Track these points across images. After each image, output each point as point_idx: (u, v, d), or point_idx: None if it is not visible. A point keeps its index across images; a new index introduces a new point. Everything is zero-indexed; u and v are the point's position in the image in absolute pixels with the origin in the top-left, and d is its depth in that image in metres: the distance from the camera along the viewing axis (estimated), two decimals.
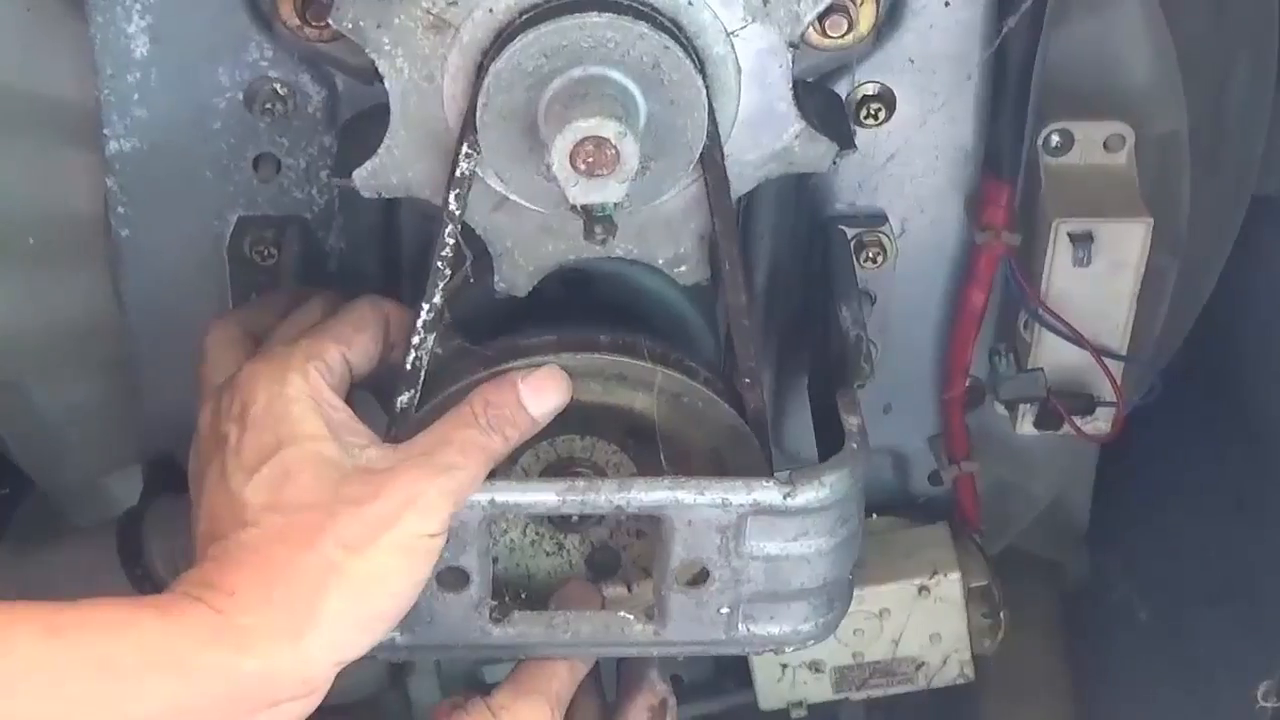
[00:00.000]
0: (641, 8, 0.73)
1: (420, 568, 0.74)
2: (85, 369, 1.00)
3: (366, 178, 0.79)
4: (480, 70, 0.75)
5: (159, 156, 0.89)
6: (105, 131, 0.88)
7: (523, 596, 0.86)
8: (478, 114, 0.74)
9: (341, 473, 0.74)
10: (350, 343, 0.79)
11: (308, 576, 0.71)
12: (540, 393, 0.78)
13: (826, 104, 0.85)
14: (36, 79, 0.91)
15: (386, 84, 0.77)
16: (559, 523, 0.87)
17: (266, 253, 0.91)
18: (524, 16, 0.73)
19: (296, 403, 0.75)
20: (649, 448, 0.82)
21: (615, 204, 0.73)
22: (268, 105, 0.88)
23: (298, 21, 0.83)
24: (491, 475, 0.78)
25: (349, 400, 0.78)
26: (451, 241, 0.77)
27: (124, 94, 0.87)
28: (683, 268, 0.82)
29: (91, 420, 1.02)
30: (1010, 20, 0.86)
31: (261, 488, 0.73)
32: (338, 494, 0.73)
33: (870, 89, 0.90)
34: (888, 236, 0.93)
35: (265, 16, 0.85)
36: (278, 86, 0.88)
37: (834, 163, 0.81)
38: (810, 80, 0.85)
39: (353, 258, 0.94)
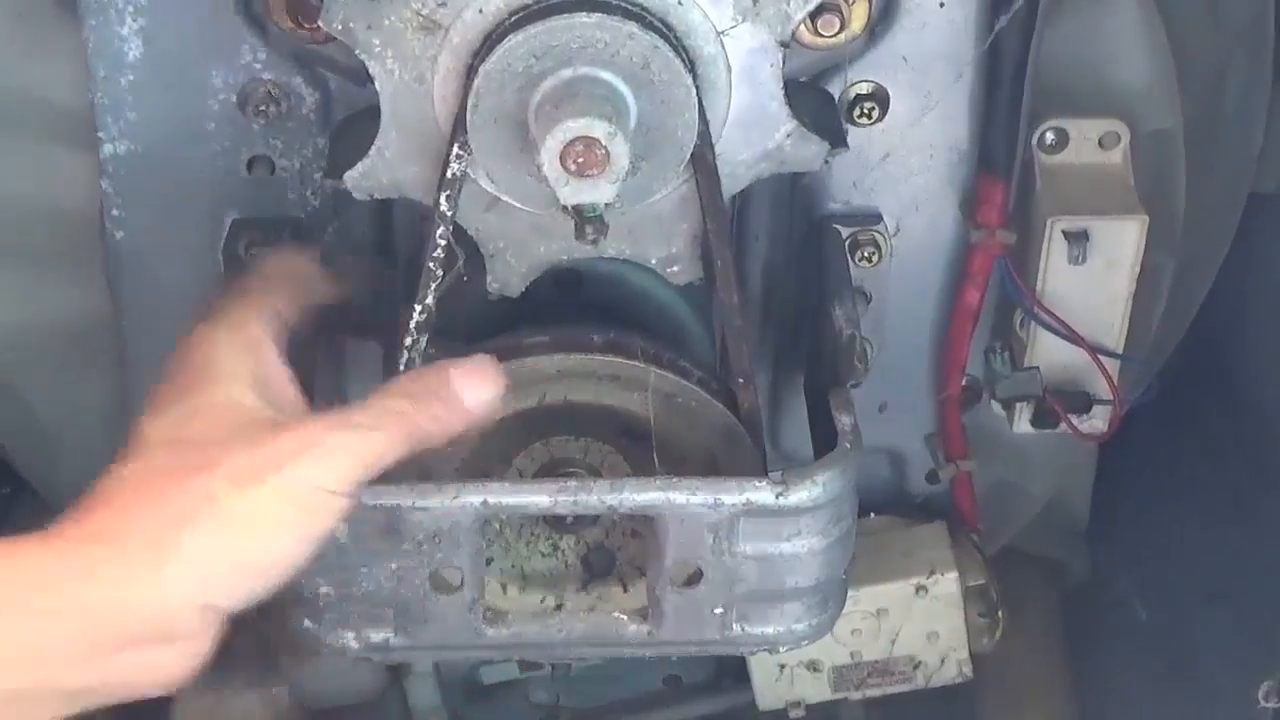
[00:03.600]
0: (631, 8, 0.73)
1: (310, 523, 0.69)
2: (81, 370, 1.00)
3: (358, 179, 0.79)
4: (470, 71, 0.75)
5: (153, 159, 0.90)
6: (99, 134, 0.89)
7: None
8: (468, 115, 0.74)
9: (250, 418, 0.71)
10: (279, 297, 0.77)
11: (179, 507, 0.67)
12: (470, 378, 0.75)
13: (819, 103, 0.85)
14: (31, 81, 0.91)
15: (377, 85, 0.77)
16: (554, 523, 0.87)
17: (261, 255, 0.91)
18: (514, 17, 0.74)
19: (227, 350, 0.73)
20: (643, 448, 0.82)
21: (606, 204, 0.73)
22: (261, 107, 0.88)
23: (290, 23, 0.83)
24: (486, 476, 0.78)
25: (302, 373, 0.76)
26: (443, 243, 0.77)
27: (117, 96, 0.88)
28: (675, 267, 0.83)
29: (87, 422, 1.02)
30: (1003, 19, 0.86)
31: (163, 425, 0.71)
32: (237, 433, 0.70)
33: (864, 88, 0.89)
34: (882, 235, 0.93)
35: (258, 18, 0.86)
36: (271, 88, 0.88)
37: (826, 162, 0.81)
38: (802, 79, 0.86)
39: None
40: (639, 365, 0.81)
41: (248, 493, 0.68)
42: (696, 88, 0.74)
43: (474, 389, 0.75)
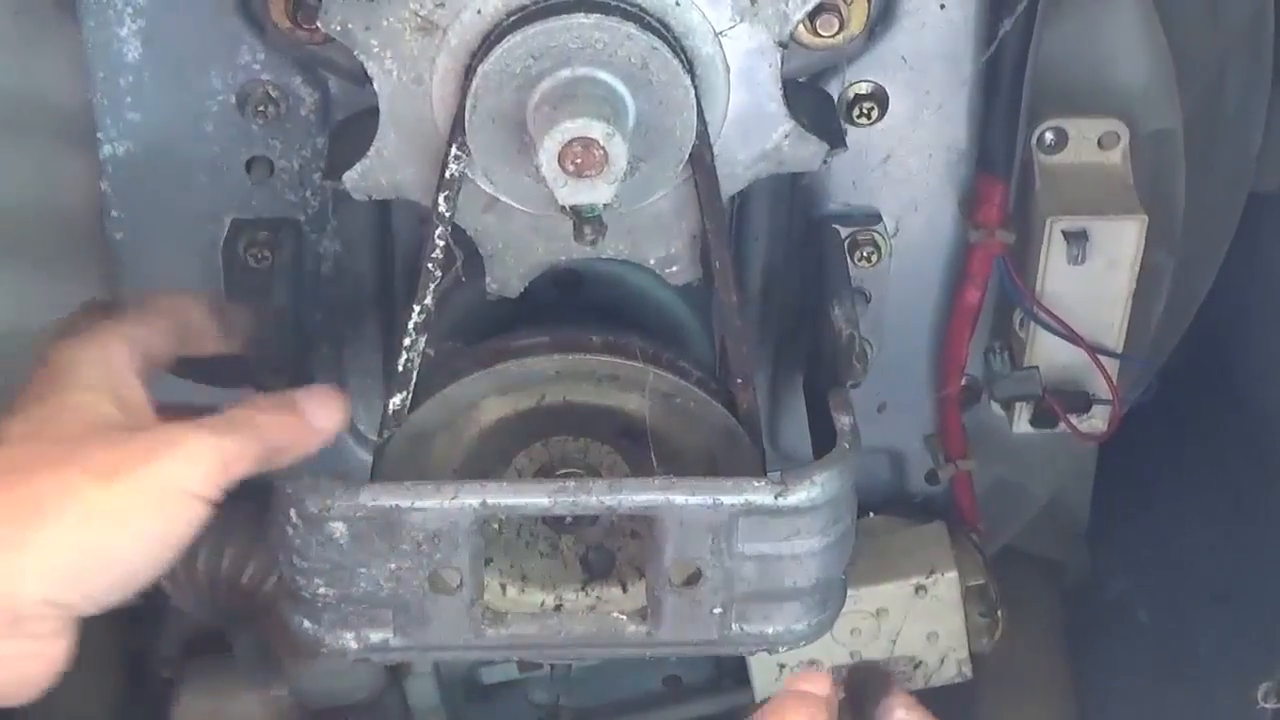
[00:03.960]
0: (629, 8, 0.73)
1: (170, 524, 0.69)
2: None
3: (356, 180, 0.79)
4: (469, 72, 0.75)
5: (152, 160, 0.90)
6: (99, 135, 0.89)
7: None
8: (466, 116, 0.74)
9: (107, 422, 0.71)
10: (139, 323, 0.77)
11: (32, 500, 0.66)
12: (314, 399, 0.76)
13: (817, 104, 0.85)
14: (31, 82, 0.91)
15: (375, 86, 0.77)
16: (553, 524, 0.87)
17: (260, 255, 0.91)
18: (511, 18, 0.73)
19: (86, 366, 0.73)
20: (643, 448, 0.82)
21: (604, 204, 0.73)
22: (260, 108, 0.88)
23: (289, 24, 0.83)
24: (485, 477, 0.78)
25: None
26: (442, 243, 0.77)
27: (117, 97, 0.88)
28: (674, 268, 0.83)
29: None
30: (1007, 22, 0.86)
31: (20, 424, 0.70)
32: (95, 433, 0.70)
33: (863, 88, 0.89)
34: (882, 235, 0.93)
35: (257, 19, 0.86)
36: (270, 89, 0.88)
37: (825, 163, 0.81)
38: (801, 80, 0.85)
39: (347, 260, 0.94)
40: (638, 365, 0.81)
41: (109, 488, 0.67)
42: (695, 88, 0.74)
43: (318, 410, 0.76)
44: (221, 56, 0.87)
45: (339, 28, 0.75)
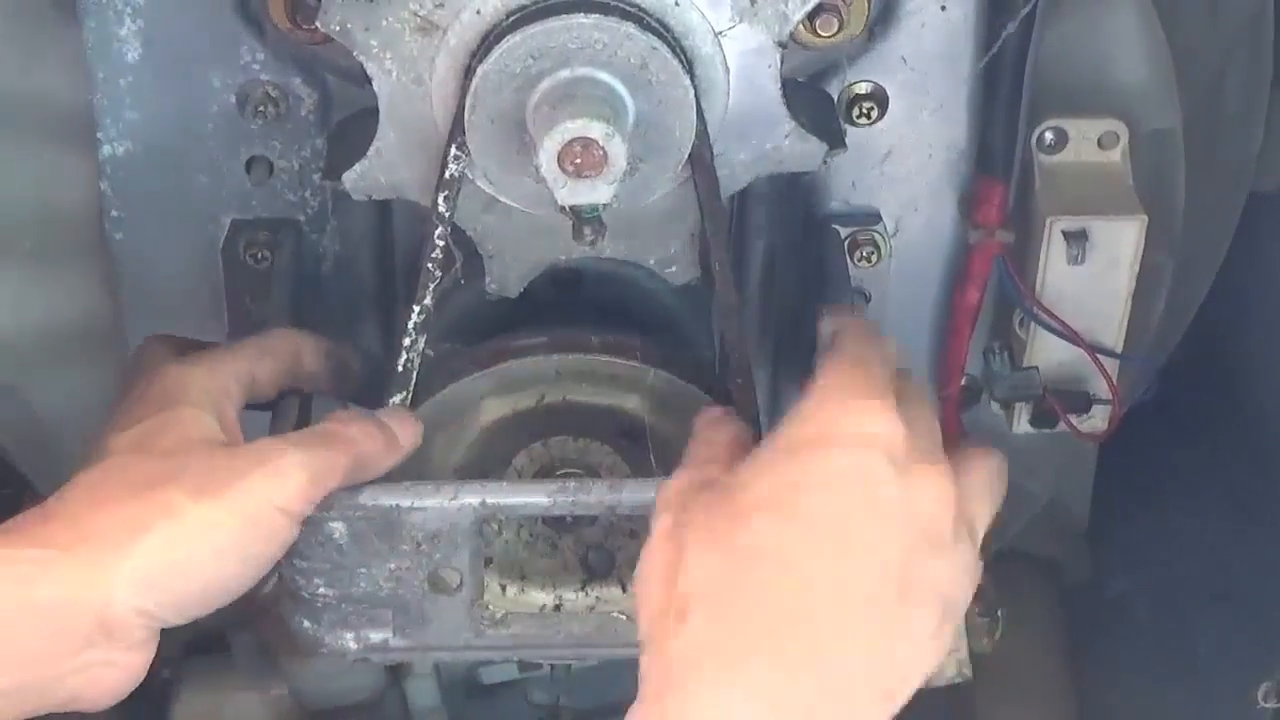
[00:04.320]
0: (628, 8, 0.73)
1: (259, 541, 0.71)
2: (81, 370, 1.00)
3: (356, 180, 0.79)
4: (468, 72, 0.75)
5: (152, 160, 0.90)
6: (98, 135, 0.89)
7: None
8: (466, 116, 0.74)
9: (210, 441, 0.73)
10: (261, 358, 0.80)
11: (135, 514, 0.69)
12: (395, 417, 0.78)
13: (817, 103, 0.85)
14: (30, 82, 0.91)
15: (375, 86, 0.77)
16: (553, 524, 0.87)
17: (260, 255, 0.91)
18: (511, 18, 0.73)
19: (195, 389, 0.75)
20: (642, 448, 0.83)
21: (604, 204, 0.73)
22: (260, 108, 0.88)
23: (288, 24, 0.83)
24: (484, 477, 0.78)
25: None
26: (441, 244, 0.77)
27: (116, 97, 0.88)
28: (673, 268, 0.83)
29: (89, 422, 1.02)
30: (1010, 25, 0.86)
31: (127, 438, 0.73)
32: (198, 449, 0.72)
33: (863, 88, 0.89)
34: (881, 235, 0.93)
35: (256, 19, 0.86)
36: (270, 89, 0.88)
37: (825, 163, 0.81)
38: (801, 80, 0.85)
39: (347, 260, 0.94)
40: (636, 365, 0.81)
41: (204, 504, 0.69)
42: (695, 88, 0.74)
43: (400, 429, 0.77)
44: (221, 57, 0.87)
45: (338, 28, 0.75)
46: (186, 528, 0.69)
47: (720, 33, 0.76)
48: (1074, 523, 1.19)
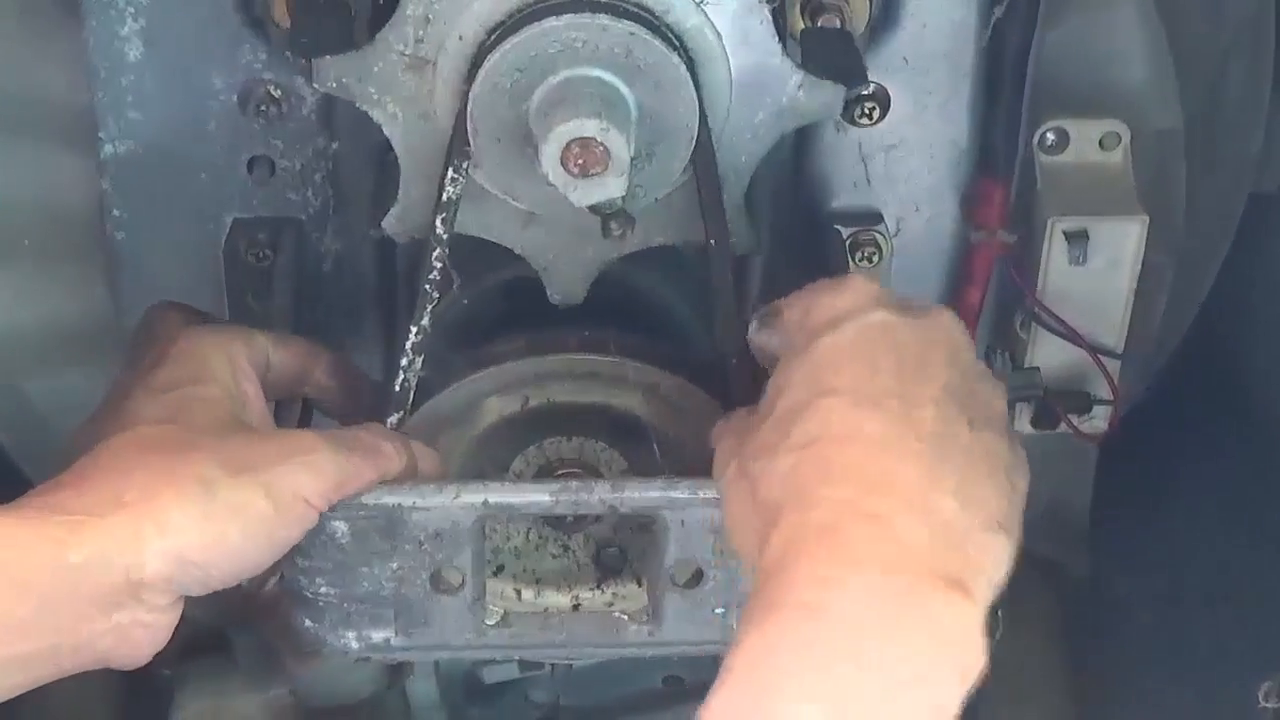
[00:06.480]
0: (600, 1, 0.73)
1: (283, 526, 0.72)
2: (81, 370, 1.00)
3: (394, 225, 0.80)
4: (465, 97, 0.75)
5: (153, 159, 0.90)
6: (100, 134, 0.89)
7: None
8: (472, 139, 0.74)
9: (240, 420, 0.75)
10: (279, 345, 0.81)
11: (170, 483, 0.69)
12: (419, 445, 0.79)
13: (829, 41, 0.83)
14: (31, 81, 0.91)
15: (386, 132, 0.77)
16: (555, 524, 0.87)
17: (261, 254, 0.91)
18: (492, 36, 0.73)
19: (216, 362, 0.76)
20: (637, 441, 0.82)
21: (620, 198, 0.72)
22: (262, 107, 0.88)
23: (290, 24, 0.83)
24: (484, 478, 0.78)
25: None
26: (439, 265, 0.77)
27: (118, 97, 0.88)
28: (730, 240, 0.81)
29: None
30: (999, 9, 0.85)
31: (156, 406, 0.74)
32: (231, 427, 0.74)
33: (864, 88, 0.89)
34: (883, 235, 0.93)
35: (258, 18, 0.86)
36: (271, 88, 0.88)
37: (844, 105, 0.80)
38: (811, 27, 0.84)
39: (348, 259, 0.95)
40: (615, 360, 0.81)
41: (238, 481, 0.70)
42: (689, 62, 0.74)
43: (424, 456, 0.79)
44: (223, 56, 0.87)
45: (334, 84, 0.76)
46: (217, 502, 0.70)
47: (702, 2, 0.75)
48: (1074, 523, 1.19)
